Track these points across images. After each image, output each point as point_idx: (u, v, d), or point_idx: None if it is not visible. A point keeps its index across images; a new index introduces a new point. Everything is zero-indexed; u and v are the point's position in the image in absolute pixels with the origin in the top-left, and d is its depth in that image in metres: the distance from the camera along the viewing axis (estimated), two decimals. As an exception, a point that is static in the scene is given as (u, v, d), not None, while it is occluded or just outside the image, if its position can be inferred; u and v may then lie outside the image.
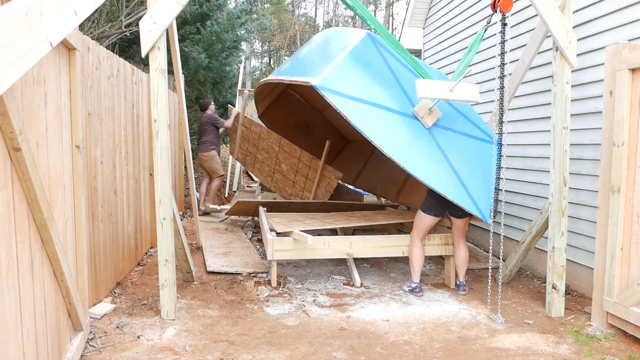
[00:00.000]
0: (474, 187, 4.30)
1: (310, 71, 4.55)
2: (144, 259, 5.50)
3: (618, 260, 3.64)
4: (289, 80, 4.85)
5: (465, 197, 4.20)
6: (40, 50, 1.86)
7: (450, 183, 4.19)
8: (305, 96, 8.29)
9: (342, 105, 4.09)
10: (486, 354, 3.39)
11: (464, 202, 4.17)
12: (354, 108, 4.12)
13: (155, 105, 3.71)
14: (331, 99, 4.08)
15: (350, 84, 4.27)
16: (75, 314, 3.02)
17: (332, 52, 4.71)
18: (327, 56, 4.72)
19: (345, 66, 4.40)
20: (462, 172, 4.31)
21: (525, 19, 5.52)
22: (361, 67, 4.47)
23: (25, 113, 2.23)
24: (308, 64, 5.06)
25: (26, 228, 2.27)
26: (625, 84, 3.55)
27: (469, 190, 4.26)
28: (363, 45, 4.67)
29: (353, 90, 4.23)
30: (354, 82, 4.31)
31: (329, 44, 5.20)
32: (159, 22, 3.56)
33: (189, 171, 5.68)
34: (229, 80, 10.81)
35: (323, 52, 5.09)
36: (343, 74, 4.32)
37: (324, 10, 35.70)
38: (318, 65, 4.57)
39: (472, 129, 4.76)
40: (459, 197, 4.15)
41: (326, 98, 4.09)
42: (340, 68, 4.35)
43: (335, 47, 4.88)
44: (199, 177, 10.36)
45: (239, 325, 3.80)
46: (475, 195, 4.27)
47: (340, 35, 5.25)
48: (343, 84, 4.23)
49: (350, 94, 4.20)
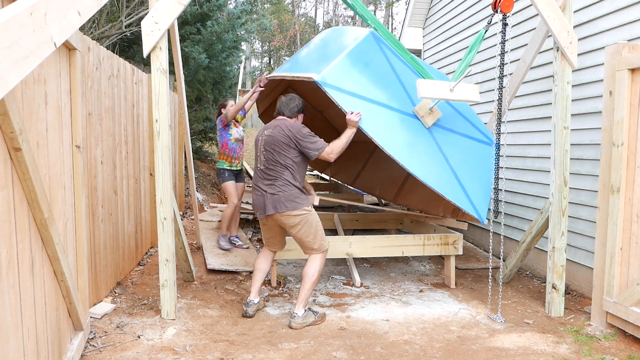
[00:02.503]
0: (471, 188, 4.32)
1: (313, 68, 4.55)
2: (144, 259, 5.50)
3: (618, 260, 3.64)
4: (291, 76, 4.84)
5: (463, 197, 4.23)
6: (45, 50, 1.87)
7: (448, 183, 4.21)
8: (306, 96, 8.29)
9: (344, 101, 4.09)
10: (486, 353, 3.39)
11: (462, 202, 4.20)
12: (355, 105, 4.14)
13: (157, 105, 3.71)
14: (333, 95, 4.08)
15: (352, 82, 4.28)
16: (76, 313, 3.02)
17: (335, 50, 4.71)
18: (330, 54, 4.72)
19: (348, 63, 4.41)
20: (461, 173, 4.33)
21: (526, 19, 5.52)
22: (363, 65, 4.48)
23: (25, 113, 2.23)
24: (311, 62, 5.06)
25: (26, 228, 2.27)
26: (624, 84, 3.55)
27: (467, 190, 4.29)
28: (366, 44, 4.68)
29: (355, 88, 4.24)
30: (356, 80, 4.32)
31: (332, 42, 5.20)
32: (161, 22, 3.56)
33: (189, 171, 5.69)
34: (229, 80, 10.80)
35: (326, 50, 5.09)
36: (345, 71, 4.33)
37: (324, 10, 35.70)
38: (321, 62, 4.57)
39: (472, 130, 4.78)
40: (456, 196, 4.19)
41: (328, 94, 4.09)
42: (343, 65, 4.36)
43: (338, 45, 4.88)
44: (199, 177, 10.37)
45: (239, 325, 3.80)
46: (473, 195, 4.30)
47: (344, 33, 5.26)
48: (345, 80, 4.24)
49: (352, 91, 4.21)
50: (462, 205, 4.18)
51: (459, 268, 5.50)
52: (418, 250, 4.86)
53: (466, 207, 4.21)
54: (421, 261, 5.83)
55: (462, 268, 5.51)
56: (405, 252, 4.85)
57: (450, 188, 4.19)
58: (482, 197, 4.38)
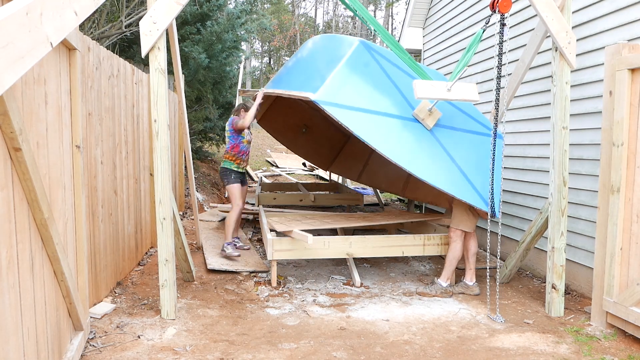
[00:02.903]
0: (480, 183, 4.34)
1: (307, 84, 4.57)
2: (144, 259, 5.50)
3: (618, 260, 3.64)
4: (287, 94, 4.88)
5: (474, 194, 4.26)
6: (41, 50, 1.87)
7: (457, 182, 4.24)
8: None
9: (343, 117, 4.11)
10: (486, 353, 3.39)
11: (473, 199, 4.23)
12: (355, 118, 4.15)
13: (155, 105, 3.72)
14: (332, 112, 4.10)
15: (349, 95, 4.29)
16: (76, 313, 3.02)
17: (328, 63, 4.71)
18: (322, 67, 4.74)
19: (343, 77, 4.41)
20: (468, 170, 4.35)
21: (525, 19, 5.52)
22: (358, 76, 4.48)
23: (25, 113, 2.23)
24: (304, 76, 5.08)
25: (26, 228, 2.28)
26: (624, 84, 3.56)
27: (476, 186, 4.31)
28: (358, 54, 4.67)
29: (352, 101, 4.26)
30: (352, 92, 4.33)
31: (323, 54, 5.22)
32: (159, 22, 3.56)
33: (189, 171, 5.68)
34: (229, 80, 10.80)
35: (318, 62, 5.12)
36: (341, 85, 4.34)
37: (323, 10, 35.71)
38: (314, 78, 4.59)
39: (473, 124, 4.79)
40: (467, 195, 4.22)
41: (327, 111, 4.10)
42: (338, 79, 4.37)
43: (329, 56, 4.89)
44: (199, 177, 10.37)
45: (239, 325, 3.80)
46: (483, 191, 4.32)
47: (333, 44, 5.26)
48: (342, 95, 4.25)
49: (350, 104, 4.22)
50: (474, 202, 4.22)
51: (459, 268, 5.50)
52: (418, 250, 4.87)
53: (478, 203, 4.24)
54: (421, 261, 5.83)
55: (462, 268, 5.50)
56: (406, 252, 4.85)
57: (460, 187, 4.23)
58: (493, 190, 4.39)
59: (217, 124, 10.66)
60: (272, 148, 18.12)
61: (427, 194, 6.12)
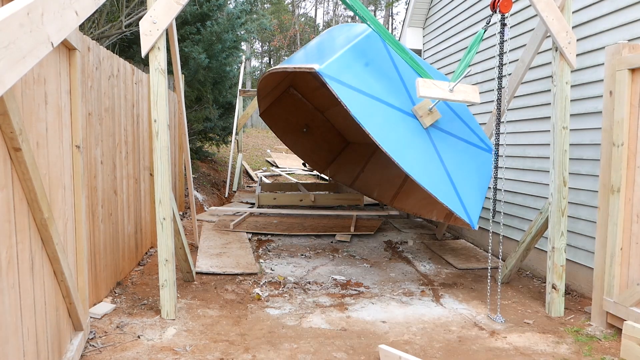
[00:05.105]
0: (465, 192, 4.28)
1: (315, 60, 4.54)
2: (144, 259, 5.50)
3: (618, 260, 3.64)
4: (293, 67, 4.83)
5: (456, 200, 4.19)
6: (42, 50, 1.87)
7: (442, 185, 4.18)
8: (308, 96, 8.29)
9: (344, 94, 4.08)
10: (486, 353, 3.39)
11: (453, 204, 4.16)
12: (355, 99, 4.12)
13: (155, 105, 3.72)
14: (334, 87, 4.06)
15: (354, 76, 4.27)
16: (76, 313, 3.02)
17: (338, 44, 4.72)
18: (334, 47, 4.73)
19: (351, 57, 4.40)
20: (455, 176, 4.30)
21: (525, 19, 5.52)
22: (366, 61, 4.47)
23: (25, 113, 2.23)
24: (313, 55, 5.07)
25: (26, 228, 2.27)
26: (625, 84, 3.55)
27: (460, 194, 4.25)
28: (370, 40, 4.67)
29: (356, 82, 4.23)
30: (357, 74, 4.31)
31: (336, 37, 5.21)
32: (159, 22, 3.56)
33: (187, 171, 5.68)
34: (229, 81, 10.81)
35: (329, 44, 5.11)
36: (347, 65, 4.31)
37: (324, 10, 35.71)
38: (324, 55, 4.57)
39: (470, 134, 4.77)
40: (448, 199, 4.14)
41: (329, 85, 4.07)
42: (345, 59, 4.35)
43: (343, 39, 4.89)
44: (198, 177, 10.36)
45: (239, 325, 3.80)
46: (466, 200, 4.25)
47: (349, 29, 5.28)
48: (346, 74, 4.23)
49: (353, 85, 4.20)
50: (454, 208, 4.14)
51: (459, 268, 5.50)
52: None
53: (458, 211, 4.16)
54: (421, 261, 5.83)
55: (462, 268, 5.51)
56: None
57: (443, 190, 4.16)
58: (475, 202, 4.34)
59: (217, 124, 10.67)
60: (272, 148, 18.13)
61: (415, 205, 6.08)
